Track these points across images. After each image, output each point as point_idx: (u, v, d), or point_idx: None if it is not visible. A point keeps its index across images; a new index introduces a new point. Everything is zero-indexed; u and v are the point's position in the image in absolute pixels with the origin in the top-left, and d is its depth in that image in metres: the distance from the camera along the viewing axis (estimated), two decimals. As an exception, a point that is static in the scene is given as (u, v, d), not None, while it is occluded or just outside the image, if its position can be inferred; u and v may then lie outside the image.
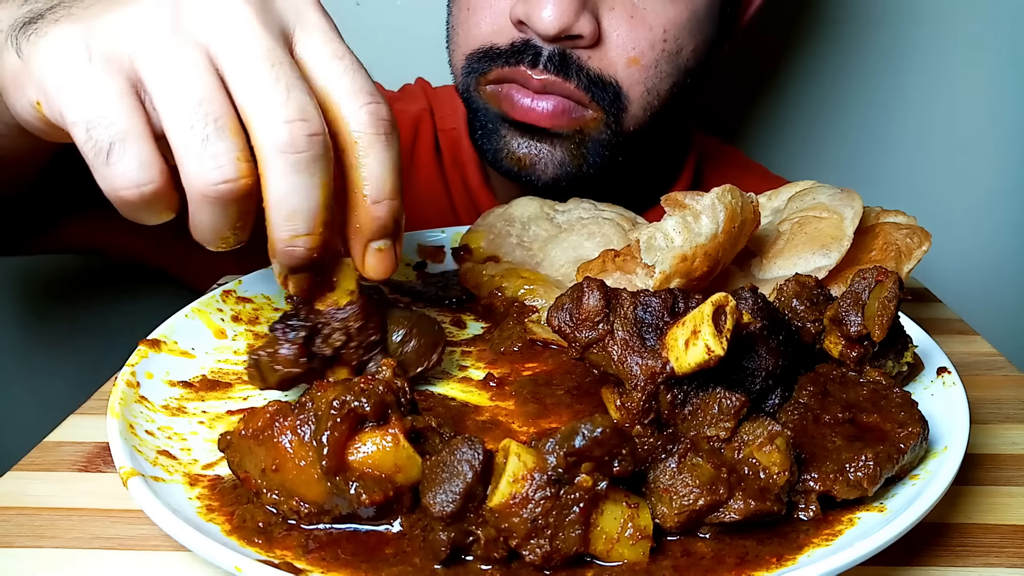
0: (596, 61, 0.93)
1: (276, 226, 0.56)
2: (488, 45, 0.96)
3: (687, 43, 0.97)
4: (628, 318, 0.57)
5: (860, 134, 1.54)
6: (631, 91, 0.96)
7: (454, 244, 0.95)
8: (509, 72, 0.95)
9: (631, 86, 0.95)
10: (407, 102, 1.22)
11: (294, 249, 0.57)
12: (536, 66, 0.93)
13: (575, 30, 0.90)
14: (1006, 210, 1.57)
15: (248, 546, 0.49)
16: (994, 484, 0.61)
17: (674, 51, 0.96)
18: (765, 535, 0.50)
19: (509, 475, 0.47)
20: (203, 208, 0.55)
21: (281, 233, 0.56)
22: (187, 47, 0.55)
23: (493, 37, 0.95)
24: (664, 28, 0.94)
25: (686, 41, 0.97)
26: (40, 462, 0.63)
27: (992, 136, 1.53)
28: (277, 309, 0.81)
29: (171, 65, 0.54)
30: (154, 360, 0.68)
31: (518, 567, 0.48)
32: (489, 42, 0.96)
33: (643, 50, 0.94)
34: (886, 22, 1.47)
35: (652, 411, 0.55)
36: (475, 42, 0.97)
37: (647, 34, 0.94)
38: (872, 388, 0.59)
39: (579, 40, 0.92)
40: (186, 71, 0.54)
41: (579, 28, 0.90)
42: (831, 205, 0.79)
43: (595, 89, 0.94)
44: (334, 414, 0.49)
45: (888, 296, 0.60)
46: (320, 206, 0.55)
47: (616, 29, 0.93)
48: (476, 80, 0.98)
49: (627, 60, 0.94)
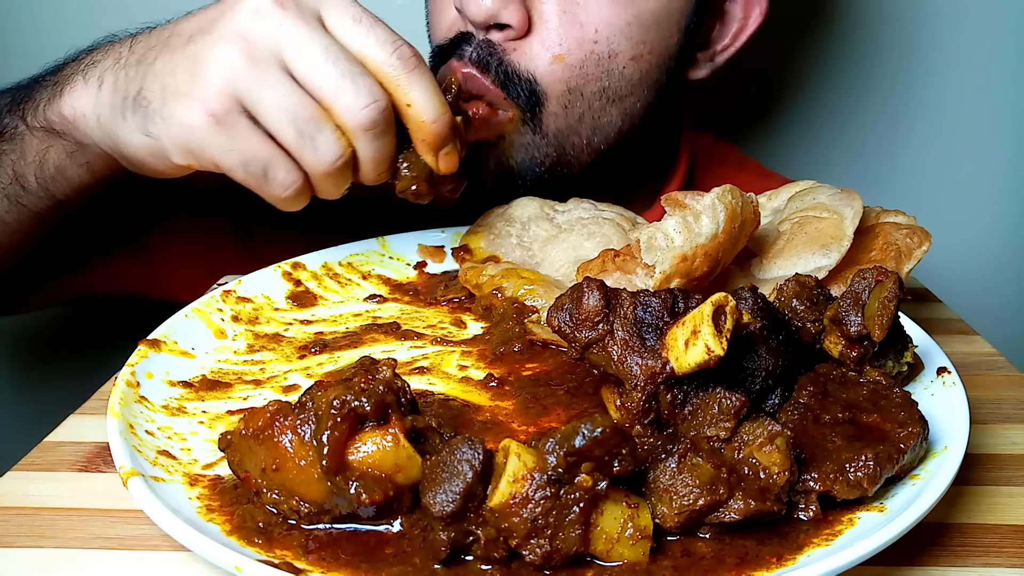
0: (520, 55, 0.92)
1: (366, 173, 0.76)
2: (443, 42, 0.96)
3: (624, 49, 0.94)
4: (628, 318, 0.57)
5: (860, 134, 1.54)
6: (550, 88, 0.93)
7: (454, 244, 0.95)
8: (443, 70, 0.94)
9: (551, 83, 0.93)
10: None
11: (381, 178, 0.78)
12: (462, 59, 0.92)
13: (503, 18, 0.90)
14: (1006, 210, 1.57)
15: (248, 546, 0.49)
16: (994, 484, 0.61)
17: (605, 54, 0.93)
18: (765, 535, 0.50)
19: (509, 475, 0.47)
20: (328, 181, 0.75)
21: (370, 176, 0.77)
22: (265, 71, 0.70)
23: (448, 32, 0.96)
24: (596, 28, 0.92)
25: (623, 47, 0.94)
26: (40, 462, 0.63)
27: (992, 136, 1.53)
28: (277, 309, 0.81)
29: (262, 93, 0.70)
30: (154, 360, 0.68)
31: (518, 567, 0.48)
32: (444, 38, 0.96)
33: (570, 47, 0.92)
34: (887, 22, 1.47)
35: (652, 411, 0.55)
36: (437, 37, 0.98)
37: (577, 31, 0.92)
38: (872, 388, 0.59)
39: (509, 31, 0.91)
40: (273, 91, 0.70)
41: (507, 16, 0.90)
42: (831, 205, 0.79)
43: (510, 85, 0.92)
44: (334, 414, 0.49)
45: (888, 296, 0.60)
46: (393, 149, 0.77)
47: (546, 23, 0.92)
48: None
49: (552, 57, 0.92)
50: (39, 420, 0.73)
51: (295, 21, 0.70)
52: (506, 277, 0.82)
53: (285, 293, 0.84)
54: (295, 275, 0.86)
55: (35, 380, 1.55)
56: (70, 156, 0.82)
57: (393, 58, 0.73)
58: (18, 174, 0.85)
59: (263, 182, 0.73)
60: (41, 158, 0.83)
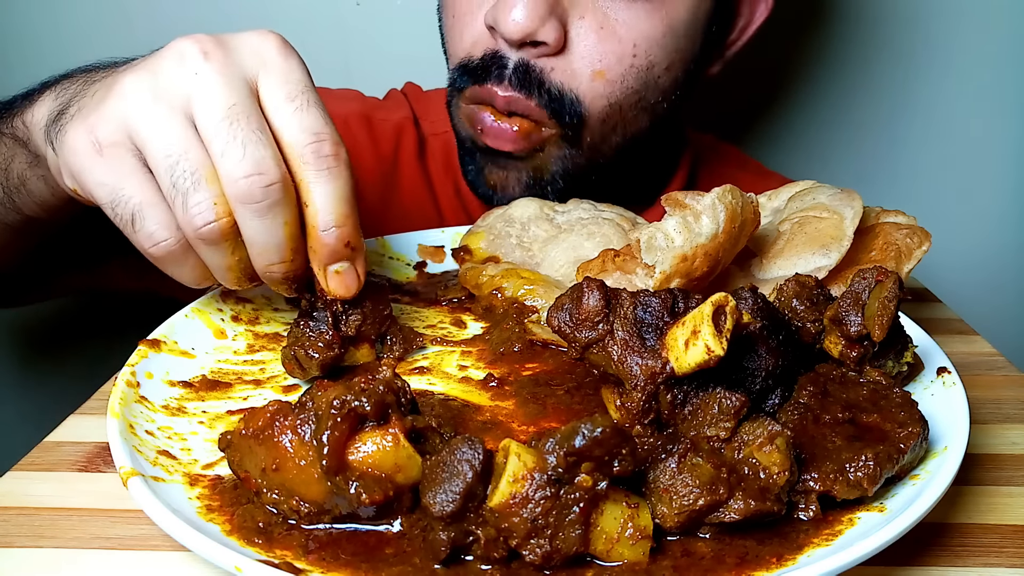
0: (559, 73, 0.92)
1: (253, 259, 0.65)
2: (468, 57, 0.96)
3: (660, 60, 0.94)
4: (628, 318, 0.57)
5: (860, 134, 1.54)
6: (592, 104, 0.94)
7: (454, 244, 0.95)
8: (480, 91, 0.95)
9: (593, 99, 0.94)
10: (390, 110, 1.21)
11: (272, 275, 0.66)
12: (502, 81, 0.92)
13: (539, 35, 0.89)
14: (1006, 210, 1.57)
15: (248, 546, 0.49)
16: (994, 484, 0.61)
17: (644, 67, 0.94)
18: (765, 535, 0.50)
19: (509, 475, 0.47)
20: (201, 250, 0.64)
21: (258, 263, 0.65)
22: (165, 112, 0.63)
23: (472, 49, 0.96)
24: (635, 43, 0.92)
25: (659, 58, 0.94)
26: (40, 462, 0.63)
27: (992, 136, 1.53)
28: (277, 309, 0.81)
29: (154, 132, 0.63)
30: (154, 360, 0.68)
31: (518, 567, 0.48)
32: (468, 54, 0.96)
33: (610, 63, 0.92)
34: (887, 22, 1.47)
35: (652, 411, 0.55)
36: (460, 53, 0.97)
37: (616, 47, 0.92)
38: (872, 388, 0.59)
39: (544, 47, 0.91)
40: (165, 135, 0.62)
41: (543, 34, 0.89)
42: (831, 205, 0.79)
43: (555, 106, 0.93)
44: (334, 414, 0.49)
45: (888, 296, 0.60)
46: (286, 238, 0.64)
47: (584, 39, 0.91)
48: (458, 97, 0.99)
49: (592, 73, 0.92)
50: (39, 420, 0.73)
51: (214, 72, 0.63)
52: (506, 277, 0.82)
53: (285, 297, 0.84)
54: (295, 275, 0.86)
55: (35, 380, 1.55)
56: (30, 166, 0.81)
57: (307, 148, 0.63)
58: None
59: (130, 228, 0.64)
60: (7, 165, 0.84)
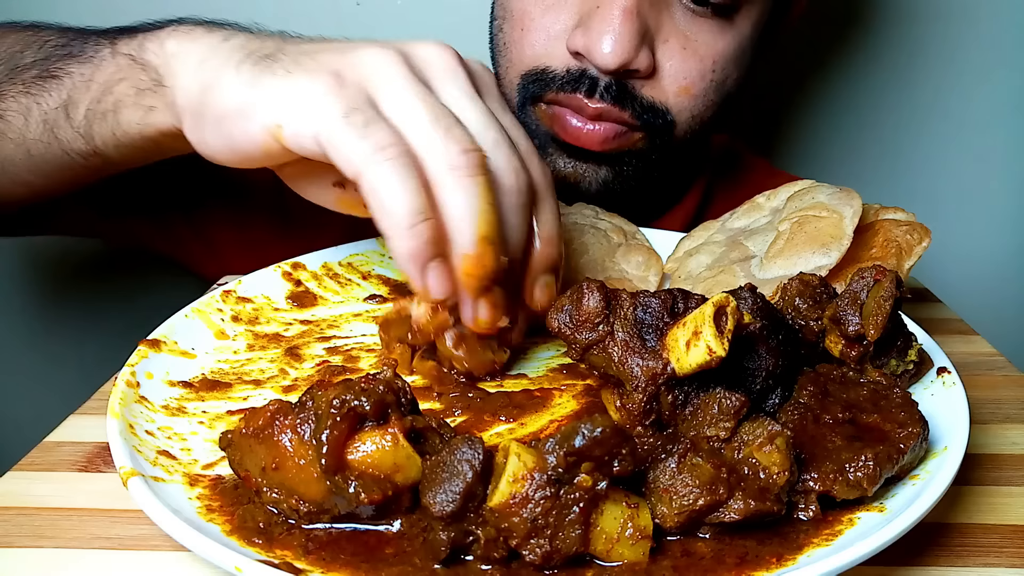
0: (649, 90, 0.96)
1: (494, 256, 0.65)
2: (542, 67, 0.97)
3: (732, 73, 1.00)
4: (628, 319, 0.57)
5: (861, 134, 1.54)
6: (679, 116, 0.99)
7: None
8: (564, 98, 0.96)
9: (679, 112, 0.98)
10: None
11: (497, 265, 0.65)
12: (593, 95, 0.94)
13: (634, 65, 0.92)
14: (1006, 210, 1.57)
15: (248, 546, 0.49)
16: (994, 484, 0.61)
17: (721, 81, 0.99)
18: (765, 535, 0.50)
19: (509, 475, 0.47)
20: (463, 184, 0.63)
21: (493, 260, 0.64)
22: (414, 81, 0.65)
23: (547, 60, 0.97)
24: (714, 60, 0.97)
25: (732, 71, 1.00)
26: (40, 462, 0.63)
27: (993, 136, 1.53)
28: (277, 309, 0.81)
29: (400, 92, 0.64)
30: (154, 360, 0.68)
31: (518, 567, 0.48)
32: (543, 64, 0.97)
33: (693, 80, 0.97)
34: (887, 23, 1.47)
35: (653, 412, 0.55)
36: (530, 62, 0.99)
37: (698, 65, 0.96)
38: (872, 388, 0.59)
39: (636, 73, 0.94)
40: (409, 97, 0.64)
41: (637, 63, 0.92)
42: (830, 204, 0.79)
43: (647, 116, 0.96)
44: (334, 413, 0.49)
45: (884, 295, 0.60)
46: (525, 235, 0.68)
47: (669, 60, 0.95)
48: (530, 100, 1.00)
49: (678, 89, 0.97)
50: (39, 420, 0.72)
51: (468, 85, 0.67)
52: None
53: (285, 293, 0.84)
54: (295, 275, 0.86)
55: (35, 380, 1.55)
56: (138, 93, 0.77)
57: (541, 176, 0.69)
58: (71, 100, 0.81)
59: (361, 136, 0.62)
60: (106, 86, 0.79)
